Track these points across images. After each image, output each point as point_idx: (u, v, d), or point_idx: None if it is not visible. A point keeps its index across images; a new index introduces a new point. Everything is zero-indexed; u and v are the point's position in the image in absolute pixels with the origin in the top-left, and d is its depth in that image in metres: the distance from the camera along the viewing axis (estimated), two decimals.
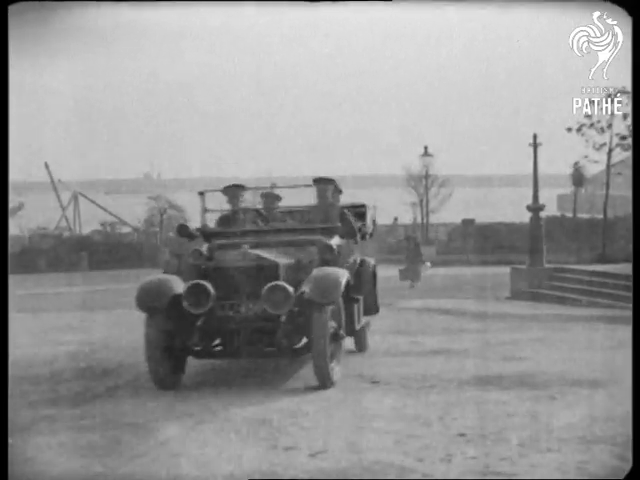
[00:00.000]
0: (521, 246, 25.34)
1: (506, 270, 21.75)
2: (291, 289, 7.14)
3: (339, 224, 8.60)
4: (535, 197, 21.44)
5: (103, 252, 34.81)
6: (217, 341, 7.71)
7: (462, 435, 5.70)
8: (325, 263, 7.83)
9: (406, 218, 40.26)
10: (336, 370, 7.46)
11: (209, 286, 7.25)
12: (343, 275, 7.51)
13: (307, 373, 7.79)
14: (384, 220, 39.09)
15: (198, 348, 7.49)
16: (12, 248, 30.29)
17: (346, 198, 9.87)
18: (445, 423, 6.07)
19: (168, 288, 7.42)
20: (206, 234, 8.65)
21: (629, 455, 5.04)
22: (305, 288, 7.25)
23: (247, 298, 7.34)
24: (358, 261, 9.15)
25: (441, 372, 8.14)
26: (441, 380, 7.72)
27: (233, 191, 9.09)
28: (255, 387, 7.48)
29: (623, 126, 23.91)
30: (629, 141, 22.97)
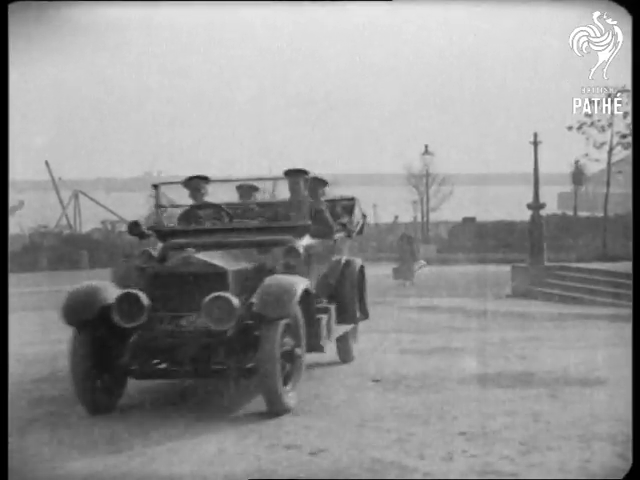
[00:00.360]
0: (522, 244, 25.34)
1: (507, 268, 21.77)
2: (236, 301, 6.21)
3: (309, 222, 7.60)
4: (536, 195, 21.47)
5: (103, 250, 34.85)
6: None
7: (462, 434, 5.70)
8: (289, 268, 6.98)
9: (407, 216, 40.30)
10: (291, 394, 6.49)
11: (143, 296, 6.37)
12: (299, 284, 6.55)
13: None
14: (385, 218, 39.17)
15: (134, 367, 6.51)
16: (13, 247, 30.32)
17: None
18: (445, 421, 6.08)
19: (98, 298, 6.53)
20: (160, 233, 7.74)
21: (629, 454, 5.04)
22: (254, 299, 6.35)
23: (190, 310, 6.37)
24: (343, 262, 8.52)
25: (442, 370, 8.14)
26: (442, 378, 7.73)
27: (196, 183, 8.18)
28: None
29: (623, 124, 23.95)
30: (629, 139, 22.98)
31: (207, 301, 6.18)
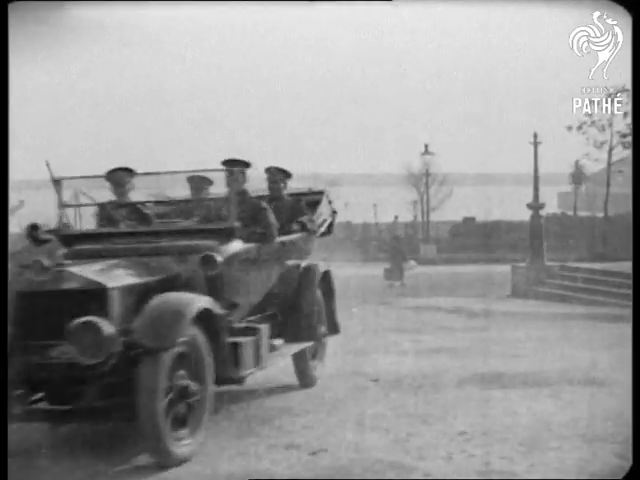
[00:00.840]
0: (522, 244, 25.36)
1: (507, 268, 21.78)
2: (108, 328, 4.98)
3: (236, 223, 6.25)
4: (535, 195, 21.51)
5: None
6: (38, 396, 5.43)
7: (462, 433, 5.71)
8: (209, 280, 5.81)
9: (407, 216, 40.30)
10: (187, 441, 5.27)
11: None
12: (193, 303, 5.32)
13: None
14: (385, 218, 39.20)
15: None
16: (13, 247, 30.29)
17: (347, 198, 9.78)
18: (446, 421, 6.08)
19: None
20: (63, 237, 6.57)
21: (629, 454, 5.04)
22: (135, 325, 5.17)
23: (62, 337, 5.06)
24: (301, 268, 7.20)
25: (442, 370, 8.14)
26: (442, 378, 7.73)
27: (118, 177, 6.88)
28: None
29: (624, 124, 23.96)
30: (630, 139, 23.00)
31: (72, 328, 4.98)
